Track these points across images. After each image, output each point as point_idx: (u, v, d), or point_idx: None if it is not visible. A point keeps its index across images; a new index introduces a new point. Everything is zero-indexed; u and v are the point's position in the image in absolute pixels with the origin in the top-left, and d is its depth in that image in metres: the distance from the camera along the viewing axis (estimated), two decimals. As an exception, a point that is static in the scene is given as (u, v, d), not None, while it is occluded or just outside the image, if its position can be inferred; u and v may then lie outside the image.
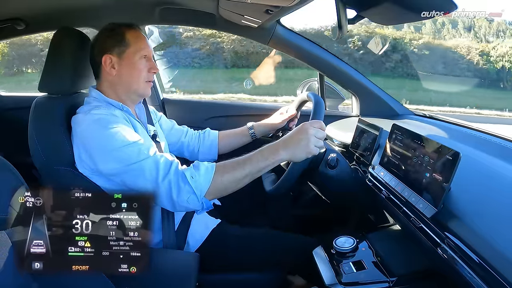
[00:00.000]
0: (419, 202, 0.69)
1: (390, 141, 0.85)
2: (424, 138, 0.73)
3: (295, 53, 1.35)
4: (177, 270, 0.83)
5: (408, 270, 0.75)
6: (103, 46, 0.90)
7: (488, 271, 0.52)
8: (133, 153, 0.79)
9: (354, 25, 0.84)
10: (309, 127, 0.82)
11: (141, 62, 0.91)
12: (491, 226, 0.58)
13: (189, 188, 0.78)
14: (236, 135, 1.20)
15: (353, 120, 1.23)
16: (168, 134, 1.14)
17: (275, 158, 0.81)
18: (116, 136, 0.80)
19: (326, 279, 0.77)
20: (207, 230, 0.98)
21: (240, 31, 1.35)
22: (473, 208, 0.63)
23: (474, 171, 0.74)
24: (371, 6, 0.76)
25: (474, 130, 1.03)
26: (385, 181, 0.84)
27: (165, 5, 1.24)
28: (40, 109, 0.90)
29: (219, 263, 0.96)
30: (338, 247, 0.82)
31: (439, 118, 1.24)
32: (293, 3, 0.76)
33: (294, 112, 1.20)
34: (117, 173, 0.80)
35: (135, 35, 0.91)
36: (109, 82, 0.92)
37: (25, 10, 1.18)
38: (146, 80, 0.93)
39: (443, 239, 0.61)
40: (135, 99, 0.96)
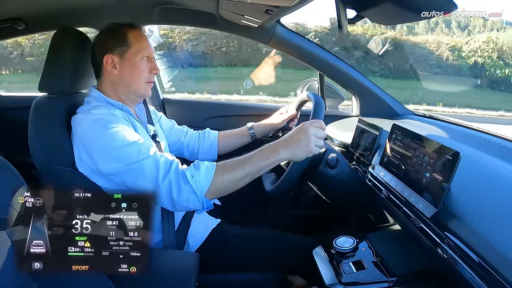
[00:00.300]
0: (419, 202, 0.69)
1: (390, 141, 0.85)
2: (424, 138, 0.73)
3: (295, 53, 1.35)
4: (177, 270, 0.83)
5: (408, 270, 0.75)
6: (105, 46, 0.90)
7: (488, 271, 0.52)
8: (133, 153, 0.79)
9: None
10: (309, 126, 0.82)
11: (143, 63, 0.91)
12: (491, 226, 0.58)
13: (190, 188, 0.78)
14: (236, 135, 1.20)
15: (353, 120, 1.23)
16: (168, 134, 1.14)
17: (275, 157, 0.81)
18: (116, 136, 0.80)
19: (326, 279, 0.77)
20: (207, 230, 0.98)
21: (240, 31, 1.35)
22: (473, 208, 0.63)
23: (474, 171, 0.74)
24: (371, 6, 0.75)
25: (474, 130, 1.03)
26: (385, 181, 0.84)
27: (165, 5, 1.24)
28: (40, 109, 0.90)
29: (219, 263, 0.96)
30: (338, 247, 0.82)
31: (439, 118, 1.24)
32: (293, 3, 0.76)
33: (294, 112, 1.20)
34: (117, 172, 0.80)
35: (136, 35, 0.91)
36: (110, 82, 0.92)
37: (25, 10, 1.18)
38: (147, 81, 0.93)
39: (443, 239, 0.61)
40: (135, 99, 0.96)
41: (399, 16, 0.83)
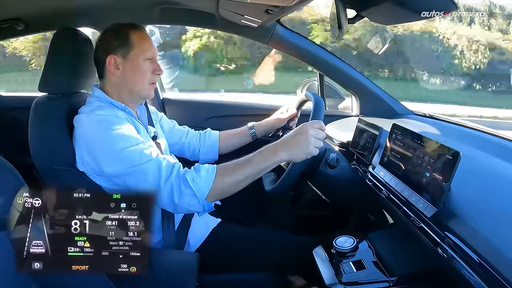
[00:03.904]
0: (419, 202, 0.69)
1: (390, 140, 0.85)
2: (424, 137, 0.73)
3: (295, 53, 1.35)
4: (177, 270, 0.83)
5: (408, 270, 0.74)
6: (108, 46, 0.89)
7: (488, 271, 0.51)
8: (136, 155, 0.79)
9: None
10: (309, 127, 0.82)
11: (146, 64, 0.90)
12: (491, 225, 0.58)
13: (191, 191, 0.79)
14: (236, 135, 1.20)
15: (353, 120, 1.23)
16: (169, 135, 1.14)
17: (275, 159, 0.81)
18: (120, 138, 0.80)
19: (326, 279, 0.76)
20: (207, 230, 0.98)
21: (240, 31, 1.35)
22: (474, 207, 0.63)
23: (474, 171, 0.74)
24: (370, 6, 0.75)
25: (474, 130, 1.03)
26: (385, 181, 0.84)
27: (165, 5, 1.24)
28: (40, 109, 0.90)
29: (219, 263, 0.96)
30: (338, 247, 0.81)
31: (439, 118, 1.23)
32: (293, 3, 0.76)
33: (294, 111, 1.20)
34: (120, 174, 0.81)
35: (139, 36, 0.90)
36: (113, 82, 0.91)
37: (25, 10, 1.17)
38: (150, 82, 0.92)
39: (443, 238, 0.61)
40: (138, 100, 0.95)
41: (399, 16, 0.83)
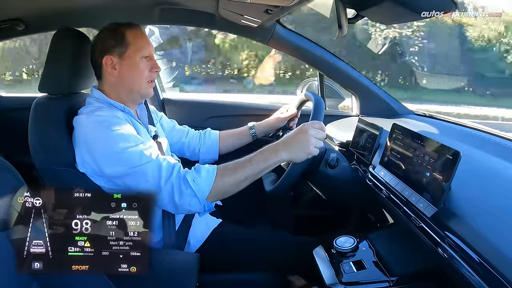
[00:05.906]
0: (420, 202, 0.69)
1: (390, 140, 0.85)
2: (424, 137, 0.73)
3: (295, 53, 1.35)
4: (177, 270, 0.83)
5: (409, 270, 0.74)
6: (104, 47, 0.89)
7: (488, 271, 0.51)
8: (136, 156, 0.79)
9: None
10: (309, 128, 0.82)
11: (142, 62, 0.90)
12: (491, 225, 0.58)
13: (191, 192, 0.79)
14: (237, 135, 1.20)
15: (353, 120, 1.23)
16: (169, 134, 1.14)
17: (275, 159, 0.81)
18: (120, 138, 0.80)
19: (326, 279, 0.76)
20: (208, 230, 0.98)
21: (240, 31, 1.35)
22: (474, 207, 0.63)
23: (475, 171, 0.74)
24: (370, 6, 0.75)
25: (474, 130, 1.03)
26: (385, 181, 0.84)
27: (164, 5, 1.24)
28: (40, 110, 0.90)
29: (220, 263, 0.96)
30: (338, 247, 0.81)
31: (439, 118, 1.23)
32: (293, 3, 0.76)
33: (294, 111, 1.20)
34: (120, 175, 0.81)
35: (135, 35, 0.90)
36: (111, 83, 0.91)
37: (25, 10, 1.18)
38: (148, 80, 0.92)
39: (444, 238, 0.61)
40: (137, 99, 0.95)
41: (399, 16, 0.83)
